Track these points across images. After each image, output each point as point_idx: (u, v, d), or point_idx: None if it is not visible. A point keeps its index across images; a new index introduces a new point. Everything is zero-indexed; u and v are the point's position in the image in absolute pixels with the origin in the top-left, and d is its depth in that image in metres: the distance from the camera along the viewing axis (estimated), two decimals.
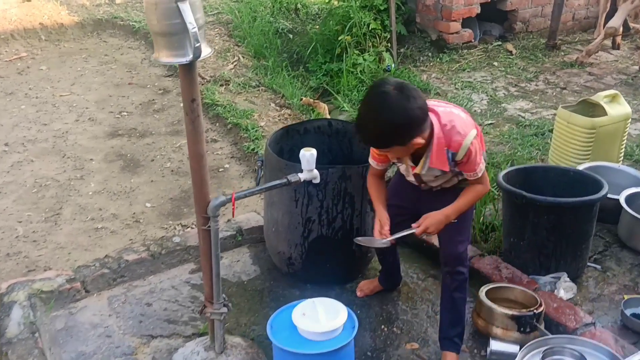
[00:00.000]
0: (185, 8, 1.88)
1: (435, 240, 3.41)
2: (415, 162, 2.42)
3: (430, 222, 2.41)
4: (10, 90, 5.72)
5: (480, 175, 2.40)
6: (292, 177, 2.46)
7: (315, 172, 2.52)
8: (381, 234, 2.49)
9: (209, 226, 2.31)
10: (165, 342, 2.79)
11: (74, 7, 7.51)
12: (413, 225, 2.45)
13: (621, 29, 6.42)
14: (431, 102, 2.37)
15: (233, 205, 2.31)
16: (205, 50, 2.00)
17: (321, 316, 2.30)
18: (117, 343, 2.77)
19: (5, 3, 7.03)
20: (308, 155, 2.47)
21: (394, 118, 2.14)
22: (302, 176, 2.49)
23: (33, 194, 4.07)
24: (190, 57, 1.96)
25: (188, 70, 2.05)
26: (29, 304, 2.81)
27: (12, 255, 3.45)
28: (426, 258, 3.36)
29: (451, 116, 2.33)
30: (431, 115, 2.28)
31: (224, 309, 2.48)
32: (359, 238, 2.65)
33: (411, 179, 2.55)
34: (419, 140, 2.22)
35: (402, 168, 2.55)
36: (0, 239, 3.60)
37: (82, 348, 2.73)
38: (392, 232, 2.49)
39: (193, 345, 2.63)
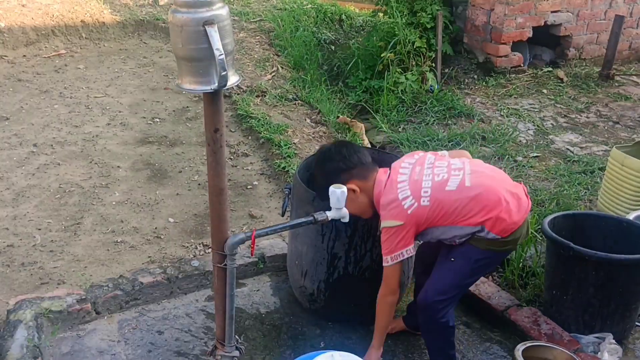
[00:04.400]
0: (213, 33, 1.71)
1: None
2: None
3: None
4: (45, 88, 5.64)
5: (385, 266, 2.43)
6: (319, 216, 2.28)
7: (345, 210, 2.33)
8: None
9: (225, 264, 2.13)
10: None
11: (116, 6, 7.43)
12: None
13: None
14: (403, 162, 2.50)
15: (253, 244, 2.13)
16: (232, 79, 1.82)
17: None
18: None
19: None
20: (338, 192, 2.28)
21: (324, 165, 2.53)
22: (330, 214, 2.30)
23: (56, 199, 3.95)
24: (215, 85, 1.79)
25: (212, 98, 1.87)
26: (35, 325, 2.67)
27: (27, 265, 3.32)
28: (459, 302, 3.11)
29: (393, 193, 2.38)
30: (382, 177, 2.46)
31: (236, 352, 2.30)
32: None
33: None
34: (352, 186, 2.41)
35: None
36: (17, 246, 3.48)
37: None
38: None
39: None
